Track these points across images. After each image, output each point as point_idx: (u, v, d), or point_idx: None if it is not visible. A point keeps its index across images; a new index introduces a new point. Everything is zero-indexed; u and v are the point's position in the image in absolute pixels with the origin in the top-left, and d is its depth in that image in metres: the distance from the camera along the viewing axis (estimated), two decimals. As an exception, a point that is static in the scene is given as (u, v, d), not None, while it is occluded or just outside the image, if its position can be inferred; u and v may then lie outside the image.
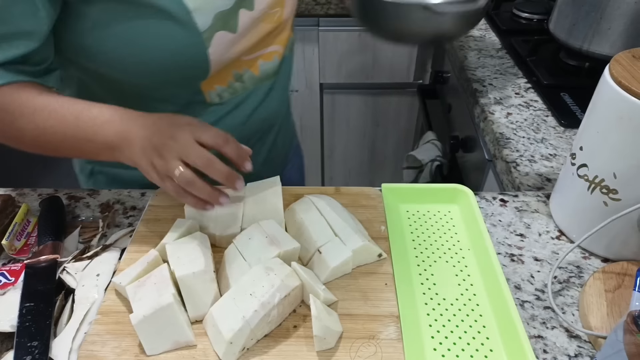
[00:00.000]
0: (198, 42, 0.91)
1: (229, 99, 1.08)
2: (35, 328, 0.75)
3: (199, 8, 0.88)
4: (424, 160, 1.68)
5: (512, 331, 0.74)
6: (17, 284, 0.83)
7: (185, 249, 0.81)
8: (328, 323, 0.71)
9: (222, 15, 0.92)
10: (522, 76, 1.52)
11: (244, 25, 0.98)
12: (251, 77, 1.10)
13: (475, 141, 1.51)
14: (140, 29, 0.87)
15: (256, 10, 0.99)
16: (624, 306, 0.81)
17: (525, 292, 0.86)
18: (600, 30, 1.34)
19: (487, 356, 0.74)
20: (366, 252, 0.84)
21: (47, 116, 0.85)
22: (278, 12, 1.07)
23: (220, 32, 0.93)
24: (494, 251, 0.87)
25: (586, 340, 0.79)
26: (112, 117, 0.85)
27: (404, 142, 2.53)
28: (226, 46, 0.96)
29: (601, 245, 0.91)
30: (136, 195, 1.06)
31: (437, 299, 0.82)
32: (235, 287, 0.75)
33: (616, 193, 0.84)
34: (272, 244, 0.82)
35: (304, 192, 0.96)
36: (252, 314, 0.71)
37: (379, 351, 0.72)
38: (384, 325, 0.76)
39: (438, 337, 0.77)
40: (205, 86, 1.03)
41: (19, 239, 0.92)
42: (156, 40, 0.89)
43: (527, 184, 1.10)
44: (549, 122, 1.30)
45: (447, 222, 0.97)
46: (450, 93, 1.91)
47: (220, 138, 0.81)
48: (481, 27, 1.86)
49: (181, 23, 0.87)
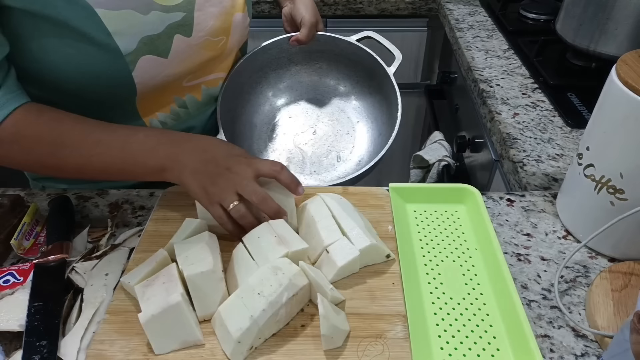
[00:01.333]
0: (121, 64, 0.90)
1: (172, 125, 1.09)
2: (44, 327, 0.76)
3: (120, 31, 0.87)
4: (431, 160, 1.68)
5: (519, 331, 0.74)
6: (26, 284, 0.83)
7: (193, 248, 0.81)
8: (336, 322, 0.71)
9: (149, 40, 0.91)
10: (529, 76, 1.52)
11: (178, 51, 0.97)
12: (194, 102, 1.10)
13: (482, 141, 1.51)
14: (59, 43, 0.86)
15: (194, 37, 0.98)
16: (630, 305, 0.81)
17: (532, 291, 0.86)
18: (607, 31, 1.33)
19: (494, 355, 0.74)
20: (374, 252, 0.84)
21: (93, 145, 0.87)
22: (222, 40, 1.06)
23: (147, 56, 0.92)
24: (501, 251, 0.86)
25: (593, 339, 0.79)
26: (159, 140, 0.88)
27: (411, 142, 2.53)
28: (155, 70, 0.95)
29: (608, 244, 0.91)
30: (145, 194, 1.06)
31: (444, 298, 0.82)
32: (243, 286, 0.75)
33: (623, 193, 0.84)
34: (280, 244, 0.81)
35: (316, 191, 0.96)
36: (260, 313, 0.71)
37: (386, 350, 0.72)
38: (391, 324, 0.76)
39: (445, 337, 0.76)
40: (144, 113, 1.03)
41: (28, 238, 0.92)
42: (75, 58, 0.88)
43: (533, 183, 1.10)
44: (556, 122, 1.29)
45: (454, 222, 0.97)
46: (458, 93, 1.91)
47: (277, 166, 0.86)
48: (488, 28, 1.86)
49: (100, 45, 0.86)
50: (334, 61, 1.33)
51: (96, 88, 0.92)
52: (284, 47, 1.26)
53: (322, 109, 1.36)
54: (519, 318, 0.75)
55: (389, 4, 2.14)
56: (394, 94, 1.19)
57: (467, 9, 2.02)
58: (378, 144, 1.26)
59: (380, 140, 1.25)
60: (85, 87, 0.92)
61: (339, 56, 1.30)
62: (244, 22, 1.10)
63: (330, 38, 1.25)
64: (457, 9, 2.03)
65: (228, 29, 1.06)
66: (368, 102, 1.33)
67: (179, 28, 0.95)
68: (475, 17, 1.95)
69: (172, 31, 0.94)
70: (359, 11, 2.16)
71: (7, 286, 0.82)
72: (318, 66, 1.35)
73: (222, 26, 1.04)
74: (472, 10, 2.02)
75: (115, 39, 0.86)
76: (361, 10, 2.16)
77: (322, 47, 1.28)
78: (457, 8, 2.03)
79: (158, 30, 0.92)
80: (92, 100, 0.97)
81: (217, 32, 1.03)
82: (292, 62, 1.33)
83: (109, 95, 0.96)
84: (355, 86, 1.35)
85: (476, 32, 1.83)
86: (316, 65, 1.35)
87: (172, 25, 0.93)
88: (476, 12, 1.99)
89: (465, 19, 1.93)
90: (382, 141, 1.21)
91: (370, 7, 2.15)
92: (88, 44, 0.86)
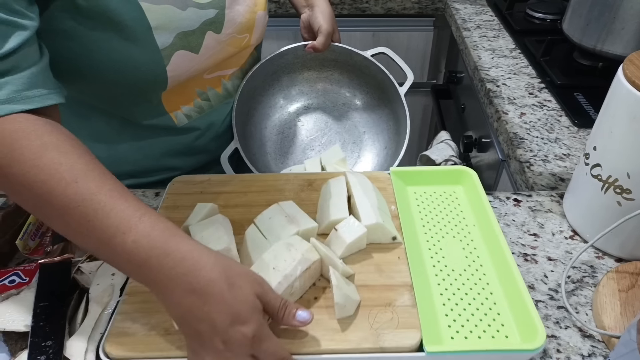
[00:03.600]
0: (157, 59, 0.91)
1: (196, 118, 1.11)
2: (50, 328, 0.76)
3: (160, 26, 0.88)
4: (438, 159, 1.67)
5: (517, 296, 0.78)
6: (32, 284, 0.83)
7: (209, 229, 0.84)
8: (347, 292, 0.75)
9: (185, 36, 0.93)
10: (535, 76, 1.52)
11: (208, 47, 0.99)
12: (215, 95, 1.13)
13: (488, 141, 1.50)
14: (97, 40, 0.87)
15: (223, 34, 1.01)
16: (637, 306, 0.81)
17: (539, 291, 0.86)
18: (613, 30, 1.33)
19: (495, 319, 0.78)
20: (380, 232, 0.87)
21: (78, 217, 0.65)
22: (246, 38, 1.08)
23: (181, 51, 0.94)
24: (498, 225, 0.89)
25: (600, 339, 0.78)
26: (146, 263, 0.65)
27: (417, 141, 2.53)
28: (186, 65, 0.97)
29: (615, 245, 0.91)
30: (150, 195, 1.06)
31: (446, 270, 0.86)
32: (258, 262, 0.78)
33: (630, 193, 0.84)
34: (291, 223, 0.86)
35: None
36: (276, 285, 0.73)
37: (395, 317, 0.76)
38: (399, 294, 0.79)
39: (449, 305, 0.80)
40: (170, 107, 1.05)
41: (33, 238, 0.93)
42: (113, 52, 0.88)
43: (540, 183, 1.10)
44: (563, 122, 1.29)
45: (452, 202, 1.00)
46: (464, 93, 1.91)
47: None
48: (495, 28, 1.85)
49: (140, 39, 0.88)
50: (347, 72, 1.34)
51: (130, 82, 0.94)
52: (299, 54, 1.28)
53: (332, 116, 1.38)
54: (517, 285, 0.79)
55: (395, 4, 2.14)
56: (403, 114, 1.21)
57: (474, 9, 2.02)
58: (382, 157, 1.29)
59: (385, 154, 1.29)
60: (119, 80, 0.93)
61: (352, 67, 1.32)
62: (264, 20, 1.13)
63: (346, 50, 1.26)
64: (464, 8, 2.02)
65: (252, 27, 1.08)
66: (376, 115, 1.35)
67: (212, 25, 0.98)
68: (482, 17, 1.94)
69: (206, 28, 0.97)
70: (365, 10, 2.16)
71: (13, 286, 0.83)
72: (330, 74, 1.36)
73: (247, 24, 1.06)
74: (479, 9, 2.01)
75: (154, 33, 0.89)
76: (367, 10, 2.16)
77: (337, 57, 1.30)
78: (463, 7, 2.03)
79: (194, 26, 0.94)
80: (120, 95, 0.99)
81: (243, 29, 1.06)
82: (305, 68, 1.35)
83: (140, 90, 0.98)
84: (365, 98, 1.36)
85: (483, 31, 1.82)
86: (328, 72, 1.36)
87: (206, 22, 0.96)
88: (483, 12, 1.99)
89: (471, 19, 1.92)
90: (387, 154, 1.24)
91: (377, 6, 2.14)
92: (127, 37, 0.87)
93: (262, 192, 1.00)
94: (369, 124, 1.35)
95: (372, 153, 1.33)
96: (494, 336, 0.75)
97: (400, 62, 1.28)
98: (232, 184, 1.01)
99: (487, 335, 0.76)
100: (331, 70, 1.36)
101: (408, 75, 1.25)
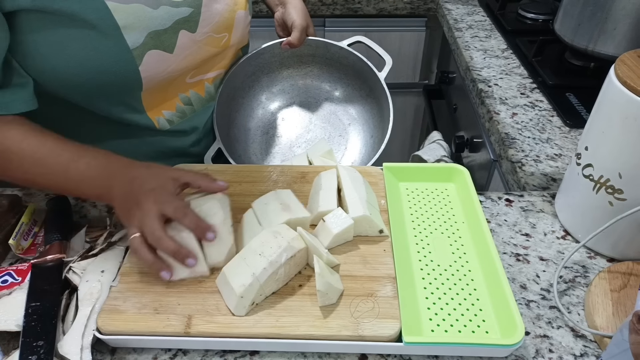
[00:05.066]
0: (128, 59, 0.91)
1: (178, 123, 1.11)
2: (41, 328, 0.76)
3: (129, 26, 0.88)
4: (430, 160, 1.68)
5: (501, 295, 0.79)
6: (24, 284, 0.83)
7: (206, 205, 0.88)
8: (330, 280, 0.78)
9: (157, 35, 0.92)
10: (527, 76, 1.52)
11: (183, 47, 0.98)
12: (198, 99, 1.12)
13: (480, 141, 1.51)
14: (66, 38, 0.86)
15: (199, 33, 1.00)
16: (629, 306, 0.81)
17: (531, 291, 0.86)
18: (605, 31, 1.33)
19: (477, 315, 0.79)
20: (367, 224, 0.89)
21: (36, 164, 0.87)
22: (225, 37, 1.08)
23: (154, 50, 0.93)
24: (486, 224, 0.90)
25: (592, 339, 0.79)
26: (98, 173, 0.87)
27: (409, 142, 2.53)
28: (161, 65, 0.96)
29: (606, 245, 0.91)
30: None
31: (432, 265, 0.88)
32: (246, 248, 0.82)
33: (621, 193, 0.84)
34: (284, 211, 0.89)
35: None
36: (261, 271, 0.77)
37: (376, 307, 0.78)
38: (381, 285, 0.82)
39: (432, 298, 0.82)
40: (150, 110, 1.04)
41: (26, 238, 0.92)
42: (83, 51, 0.88)
43: (532, 183, 1.10)
44: (554, 122, 1.29)
45: (443, 199, 1.01)
46: (456, 93, 1.91)
47: (180, 212, 0.82)
48: (487, 28, 1.85)
49: (108, 38, 0.87)
50: (326, 65, 1.35)
51: (102, 83, 0.93)
52: (276, 52, 1.28)
53: (315, 112, 1.38)
54: (500, 282, 0.80)
55: (387, 4, 2.14)
56: (385, 98, 1.21)
57: (466, 9, 2.02)
58: (370, 146, 1.29)
59: (372, 142, 1.29)
60: (91, 82, 0.92)
61: (331, 60, 1.33)
62: (245, 20, 1.12)
63: (322, 43, 1.27)
64: (456, 8, 2.02)
65: (231, 26, 1.07)
66: (359, 105, 1.35)
67: (185, 24, 0.96)
68: (474, 17, 1.95)
69: (179, 26, 0.96)
70: (357, 11, 2.16)
71: (5, 286, 0.83)
72: (310, 70, 1.37)
73: (226, 23, 1.05)
74: (471, 10, 2.01)
75: (123, 33, 0.88)
76: (359, 10, 2.16)
77: (314, 51, 1.31)
78: (455, 8, 2.03)
79: (165, 25, 0.93)
80: (97, 97, 0.98)
81: (221, 28, 1.05)
82: (284, 66, 1.35)
83: (115, 91, 0.97)
84: (347, 89, 1.37)
85: (475, 32, 1.83)
86: (308, 69, 1.37)
87: (179, 20, 0.95)
88: (475, 12, 1.99)
89: (463, 19, 1.93)
90: (374, 143, 1.24)
91: (369, 6, 2.14)
92: (96, 38, 0.87)
93: (257, 182, 1.02)
94: (352, 116, 1.36)
95: (359, 143, 1.33)
96: (474, 331, 0.77)
97: (378, 48, 1.28)
98: (228, 173, 1.05)
99: (467, 330, 0.77)
100: (310, 66, 1.36)
101: (386, 60, 1.26)
